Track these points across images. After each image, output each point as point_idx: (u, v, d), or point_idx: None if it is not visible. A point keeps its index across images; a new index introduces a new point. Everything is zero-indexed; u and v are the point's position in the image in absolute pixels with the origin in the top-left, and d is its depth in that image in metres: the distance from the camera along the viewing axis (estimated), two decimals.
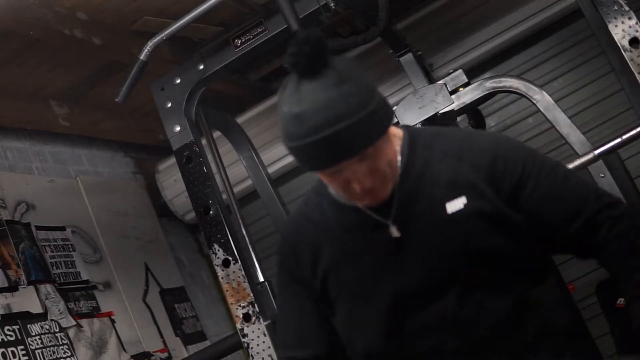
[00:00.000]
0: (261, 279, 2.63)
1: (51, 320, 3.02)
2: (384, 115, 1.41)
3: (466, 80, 2.72)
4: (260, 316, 2.38)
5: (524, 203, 1.46)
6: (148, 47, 2.52)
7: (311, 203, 1.61)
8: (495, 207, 1.45)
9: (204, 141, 2.74)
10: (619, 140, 2.21)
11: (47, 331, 2.96)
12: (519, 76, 2.97)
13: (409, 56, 3.21)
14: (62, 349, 3.00)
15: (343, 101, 1.33)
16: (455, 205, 1.44)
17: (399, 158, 1.49)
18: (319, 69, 1.34)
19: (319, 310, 1.59)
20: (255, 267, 2.68)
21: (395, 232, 1.46)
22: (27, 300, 2.95)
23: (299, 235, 1.60)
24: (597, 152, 2.24)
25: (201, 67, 2.58)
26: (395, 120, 2.77)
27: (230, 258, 2.45)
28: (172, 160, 2.94)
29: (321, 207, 1.57)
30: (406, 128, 1.58)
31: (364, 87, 1.38)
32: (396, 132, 1.53)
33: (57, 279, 3.21)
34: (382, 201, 1.47)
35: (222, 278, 2.45)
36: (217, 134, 3.11)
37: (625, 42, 2.12)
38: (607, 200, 1.50)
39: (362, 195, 1.43)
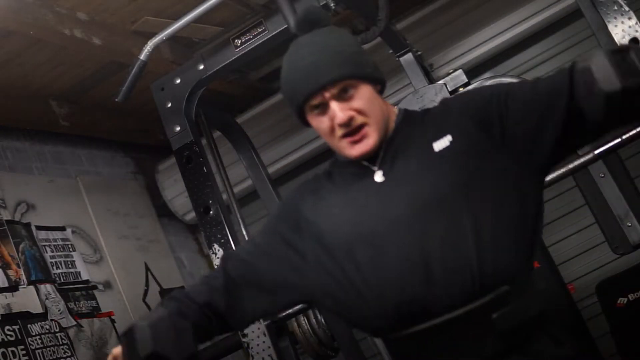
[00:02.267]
0: None
1: (51, 320, 3.02)
2: (369, 66, 1.56)
3: (466, 80, 2.72)
4: None
5: (517, 124, 1.47)
6: (148, 47, 2.52)
7: (320, 171, 1.69)
8: (482, 147, 1.48)
9: (204, 141, 2.74)
10: (618, 140, 2.20)
11: (47, 331, 2.96)
12: (519, 76, 2.97)
13: (409, 56, 3.21)
14: (62, 349, 3.00)
15: (328, 40, 1.55)
16: (442, 143, 1.50)
17: (394, 122, 1.59)
18: (312, 25, 1.58)
19: (261, 277, 1.63)
20: None
21: (379, 176, 1.53)
22: (27, 300, 2.95)
23: (303, 193, 1.66)
24: (596, 152, 2.24)
25: (201, 67, 2.58)
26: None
27: None
28: (172, 160, 2.94)
29: (329, 172, 1.65)
30: (404, 108, 1.68)
31: (350, 37, 1.60)
32: (393, 108, 1.65)
33: (57, 279, 3.21)
34: (376, 155, 1.54)
35: None
36: (217, 134, 3.11)
37: (625, 42, 2.12)
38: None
39: (349, 140, 1.51)
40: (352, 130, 1.51)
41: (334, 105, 1.50)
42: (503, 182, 1.48)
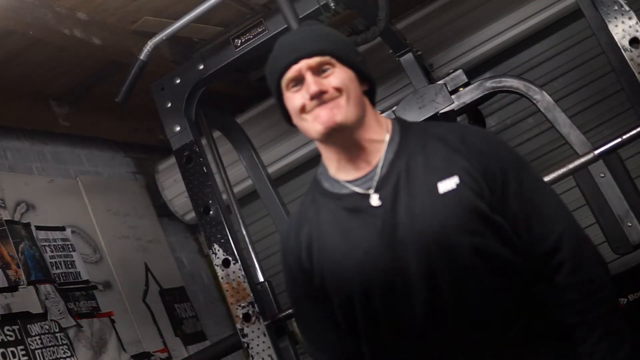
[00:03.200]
0: (261, 279, 2.63)
1: (51, 320, 3.02)
2: (356, 56, 1.57)
3: (466, 80, 2.72)
4: (260, 316, 2.38)
5: (507, 204, 1.48)
6: (148, 47, 2.52)
7: (306, 202, 1.64)
8: (485, 198, 1.47)
9: (204, 141, 2.74)
10: (619, 140, 2.20)
11: (47, 331, 2.96)
12: (519, 76, 2.96)
13: (409, 56, 3.21)
14: (62, 349, 2.99)
15: (318, 26, 1.62)
16: (448, 185, 1.46)
17: (387, 137, 1.56)
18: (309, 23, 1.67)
19: (331, 317, 1.58)
20: (255, 267, 2.68)
21: (375, 200, 1.49)
22: (27, 300, 2.94)
23: (297, 237, 1.60)
24: (597, 152, 2.24)
25: (201, 67, 2.58)
26: (393, 117, 2.77)
27: (230, 258, 2.45)
28: (172, 160, 2.94)
29: (315, 201, 1.60)
30: (397, 119, 1.65)
31: (343, 35, 1.63)
32: (382, 117, 1.63)
33: (57, 279, 3.20)
34: (369, 179, 1.51)
35: (222, 278, 2.45)
36: (217, 134, 3.11)
37: (625, 42, 2.12)
38: (575, 243, 1.49)
39: (316, 110, 1.49)
40: (322, 101, 1.49)
41: (309, 77, 1.50)
42: (497, 233, 1.47)
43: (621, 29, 2.13)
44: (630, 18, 2.13)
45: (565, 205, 1.56)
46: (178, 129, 2.58)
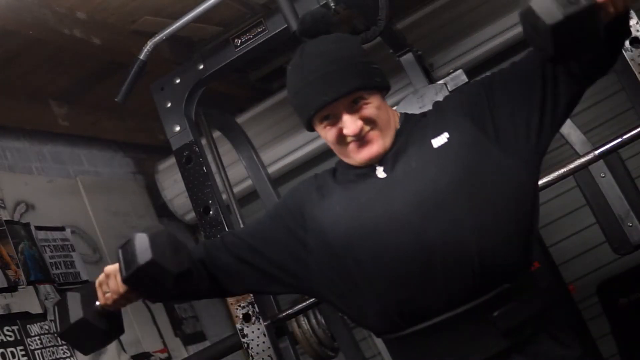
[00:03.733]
0: None
1: (51, 320, 3.01)
2: (378, 74, 1.59)
3: (466, 80, 2.72)
4: (260, 316, 2.38)
5: (506, 111, 1.52)
6: (148, 47, 2.51)
7: (327, 170, 1.72)
8: (478, 142, 1.51)
9: (204, 141, 2.74)
10: (619, 140, 2.20)
11: (46, 331, 2.95)
12: None
13: (409, 56, 3.21)
14: (62, 349, 2.99)
15: (337, 51, 1.55)
16: (440, 140, 1.53)
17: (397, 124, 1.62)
18: (318, 31, 1.60)
19: (261, 253, 1.65)
20: None
21: (381, 173, 1.56)
22: (26, 300, 2.94)
23: (306, 190, 1.68)
24: (597, 152, 2.24)
25: (201, 67, 2.58)
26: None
27: None
28: (172, 160, 2.93)
29: (334, 170, 1.69)
30: (403, 113, 1.71)
31: (358, 46, 1.62)
32: (396, 113, 1.68)
33: (56, 279, 3.20)
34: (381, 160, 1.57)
35: None
36: (217, 134, 3.10)
37: (625, 42, 2.12)
38: None
39: (356, 147, 1.56)
40: (360, 137, 1.55)
41: (346, 117, 1.54)
42: (500, 177, 1.49)
43: None
44: (630, 18, 2.12)
45: None
46: (178, 129, 2.58)
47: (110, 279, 1.59)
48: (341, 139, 1.56)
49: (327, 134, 1.58)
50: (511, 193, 1.49)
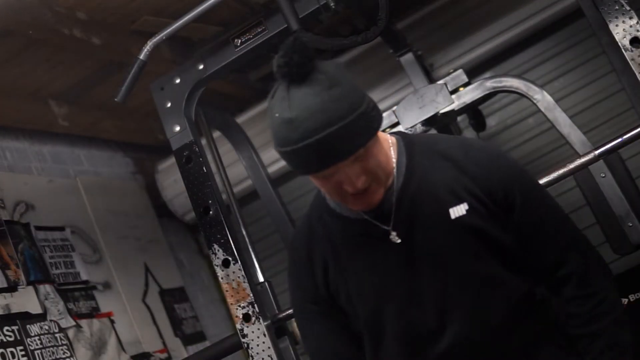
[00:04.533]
0: (261, 279, 2.63)
1: (50, 320, 3.01)
2: (374, 117, 1.44)
3: (466, 80, 2.72)
4: (260, 316, 2.38)
5: (512, 220, 1.51)
6: (148, 47, 2.51)
7: (313, 217, 1.62)
8: (491, 215, 1.49)
9: (203, 141, 2.73)
10: (619, 140, 2.20)
11: (46, 332, 2.95)
12: (519, 76, 2.96)
13: (409, 56, 3.21)
14: (62, 349, 2.99)
15: (334, 104, 1.36)
16: (458, 210, 1.47)
17: (394, 162, 1.52)
18: (308, 74, 1.37)
19: (341, 325, 1.60)
20: (255, 267, 2.68)
21: (395, 237, 1.49)
22: (26, 300, 2.94)
23: (308, 249, 1.61)
24: (597, 152, 2.24)
25: (201, 67, 2.58)
26: (395, 120, 2.76)
27: (230, 258, 2.44)
28: (172, 160, 2.93)
29: (323, 220, 1.59)
30: (399, 134, 1.61)
31: (353, 90, 1.41)
32: (387, 137, 1.56)
33: (56, 279, 3.20)
34: (378, 207, 1.49)
35: (222, 278, 2.45)
36: (217, 134, 3.10)
37: (626, 42, 2.12)
38: (582, 256, 1.52)
39: (355, 198, 1.45)
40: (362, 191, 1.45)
41: (348, 172, 1.41)
42: (502, 246, 1.51)
43: (622, 29, 2.12)
44: (631, 18, 2.12)
45: (569, 217, 1.60)
46: (178, 128, 2.57)
47: None
48: (340, 190, 1.44)
49: (324, 185, 1.46)
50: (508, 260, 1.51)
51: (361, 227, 1.52)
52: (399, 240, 1.49)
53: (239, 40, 2.52)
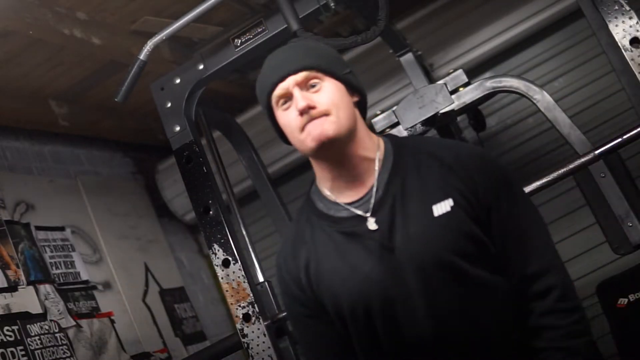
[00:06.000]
0: (261, 279, 2.63)
1: (50, 320, 3.01)
2: (344, 68, 1.58)
3: (466, 80, 2.71)
4: (260, 316, 2.38)
5: (496, 225, 1.51)
6: (148, 47, 2.51)
7: (301, 221, 1.65)
8: (479, 218, 1.50)
9: (203, 141, 2.74)
10: (619, 140, 2.20)
11: (46, 331, 2.95)
12: (519, 76, 2.96)
13: (409, 56, 3.21)
14: (62, 349, 2.99)
15: (304, 42, 1.68)
16: (442, 207, 1.48)
17: (379, 154, 1.57)
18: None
19: (336, 332, 1.59)
20: (255, 267, 2.68)
21: (372, 224, 1.50)
22: (26, 300, 2.94)
23: (292, 256, 1.62)
24: (597, 152, 2.24)
25: (201, 67, 2.58)
26: (395, 120, 2.76)
27: (230, 258, 2.44)
28: (172, 160, 2.93)
29: (310, 222, 1.61)
30: (389, 136, 1.65)
31: (330, 47, 1.65)
32: (376, 137, 1.62)
33: (56, 279, 3.20)
34: (363, 200, 1.53)
35: (222, 278, 2.45)
36: (217, 134, 3.10)
37: (625, 42, 2.12)
38: (558, 285, 1.50)
39: (310, 128, 1.50)
40: (312, 118, 1.51)
41: (297, 93, 1.52)
42: (485, 254, 1.51)
43: (621, 29, 2.13)
44: (630, 18, 2.12)
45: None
46: (178, 129, 2.57)
47: None
48: (299, 123, 1.52)
49: (284, 119, 1.56)
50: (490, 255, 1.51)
51: (345, 223, 1.55)
52: (376, 227, 1.50)
53: (239, 40, 2.52)
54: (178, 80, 2.61)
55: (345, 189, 1.57)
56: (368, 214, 1.52)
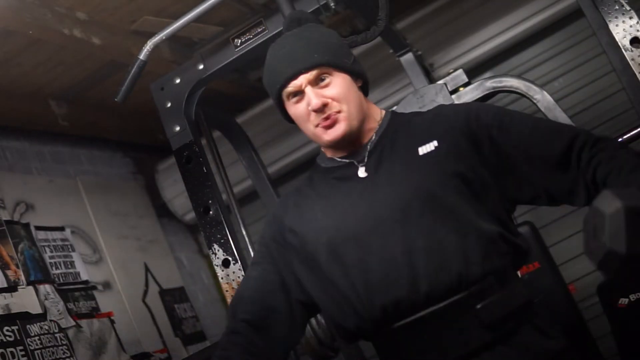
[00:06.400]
0: None
1: (50, 320, 3.01)
2: (349, 59, 1.62)
3: (466, 80, 2.71)
4: None
5: (506, 148, 1.52)
6: (148, 47, 2.51)
7: (303, 180, 1.74)
8: (468, 158, 1.52)
9: (203, 141, 2.73)
10: (619, 140, 2.20)
11: (46, 332, 2.95)
12: (519, 76, 2.96)
13: (409, 56, 3.21)
14: (62, 349, 2.99)
15: (309, 32, 1.63)
16: (427, 147, 1.55)
17: (379, 120, 1.66)
18: (301, 21, 1.67)
19: (281, 284, 1.65)
20: None
21: (362, 172, 1.58)
22: (26, 300, 2.94)
23: (286, 206, 1.70)
24: None
25: (201, 67, 2.57)
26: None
27: (230, 258, 2.44)
28: (172, 160, 2.93)
29: (311, 178, 1.71)
30: (390, 111, 1.74)
31: (333, 34, 1.66)
32: (378, 108, 1.70)
33: (56, 279, 3.20)
34: (359, 152, 1.60)
35: (222, 278, 2.45)
36: (217, 134, 3.10)
37: (626, 42, 2.12)
38: (587, 137, 1.50)
39: (323, 129, 1.56)
40: (326, 116, 1.56)
41: (309, 91, 1.56)
42: (482, 190, 1.52)
43: (622, 29, 2.13)
44: (631, 18, 2.12)
45: None
46: (178, 129, 2.57)
47: None
48: (309, 116, 1.58)
49: (295, 112, 1.61)
50: (490, 205, 1.52)
51: (338, 171, 1.63)
52: (365, 175, 1.57)
53: (239, 40, 2.52)
54: (178, 80, 2.61)
55: (345, 149, 1.65)
56: (360, 164, 1.60)
